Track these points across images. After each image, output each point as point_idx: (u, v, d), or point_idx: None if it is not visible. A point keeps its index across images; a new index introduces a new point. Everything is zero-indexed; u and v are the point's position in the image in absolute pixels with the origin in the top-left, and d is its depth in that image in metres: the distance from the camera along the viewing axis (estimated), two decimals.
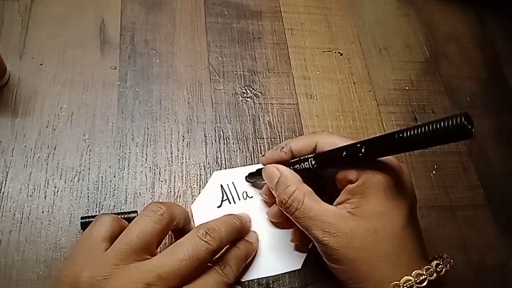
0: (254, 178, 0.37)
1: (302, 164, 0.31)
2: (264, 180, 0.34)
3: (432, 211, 0.40)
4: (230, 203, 0.37)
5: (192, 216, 0.36)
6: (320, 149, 0.32)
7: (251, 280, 0.34)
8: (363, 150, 0.27)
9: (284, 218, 0.33)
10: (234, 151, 0.39)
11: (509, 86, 0.49)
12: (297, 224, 0.30)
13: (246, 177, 0.37)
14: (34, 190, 0.35)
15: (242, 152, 0.39)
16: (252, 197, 0.37)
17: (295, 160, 0.33)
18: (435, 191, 0.41)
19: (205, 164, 0.38)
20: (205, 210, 0.36)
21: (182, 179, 0.37)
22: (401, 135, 0.24)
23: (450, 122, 0.21)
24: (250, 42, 0.46)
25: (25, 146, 0.36)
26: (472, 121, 0.21)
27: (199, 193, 0.37)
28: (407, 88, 0.47)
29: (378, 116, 0.44)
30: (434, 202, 0.40)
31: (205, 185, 0.37)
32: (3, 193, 0.34)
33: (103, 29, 0.43)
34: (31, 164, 0.36)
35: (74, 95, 0.39)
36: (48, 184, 0.35)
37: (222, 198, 0.37)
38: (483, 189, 0.42)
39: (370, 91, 0.45)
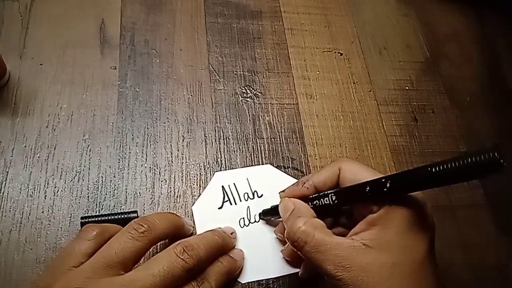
0: (268, 216, 0.36)
1: (322, 200, 0.30)
2: (277, 218, 0.33)
3: (432, 211, 0.40)
4: (231, 204, 0.37)
5: (193, 217, 0.36)
6: (343, 177, 0.30)
7: (251, 280, 0.34)
8: (388, 185, 0.25)
9: (298, 257, 0.32)
10: (234, 151, 0.39)
11: (509, 86, 0.49)
12: (308, 260, 0.28)
13: (259, 214, 0.36)
14: (34, 190, 0.35)
15: (242, 152, 0.39)
16: (253, 198, 0.37)
17: (314, 195, 0.31)
18: (435, 191, 0.41)
19: (205, 164, 0.38)
20: (206, 211, 0.36)
21: (182, 179, 0.37)
22: (429, 169, 0.23)
23: (482, 157, 0.20)
24: (250, 42, 0.46)
25: (25, 146, 0.36)
26: (502, 153, 0.20)
27: (199, 193, 0.37)
28: (407, 88, 0.47)
29: (378, 116, 0.44)
30: (434, 202, 0.40)
31: (205, 185, 0.37)
32: (3, 193, 0.34)
33: (103, 29, 0.43)
34: (31, 164, 0.36)
35: (74, 95, 0.39)
36: (48, 184, 0.35)
37: (223, 199, 0.37)
38: (483, 189, 0.42)
39: (370, 91, 0.45)
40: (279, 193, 0.33)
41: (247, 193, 0.37)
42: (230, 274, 0.32)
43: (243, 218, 0.36)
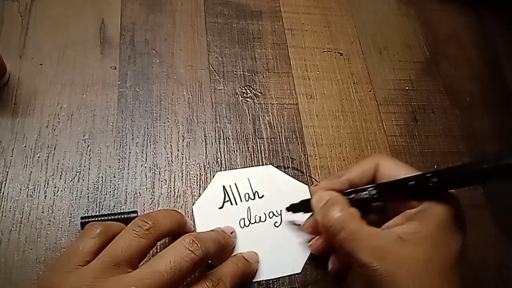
0: (297, 210, 0.35)
1: (360, 193, 0.29)
2: (306, 212, 0.32)
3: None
4: (232, 204, 0.37)
5: (193, 217, 0.36)
6: (381, 173, 0.30)
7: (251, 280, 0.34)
8: (435, 180, 0.26)
9: (327, 251, 0.32)
10: (234, 151, 0.39)
11: (509, 86, 0.49)
12: (341, 248, 0.28)
13: (287, 208, 0.35)
14: (34, 190, 0.35)
15: (242, 152, 0.39)
16: (254, 199, 0.37)
17: (351, 189, 0.30)
18: None
19: (205, 164, 0.38)
20: (206, 211, 0.36)
21: (182, 179, 0.37)
22: (481, 167, 0.23)
23: None
24: (250, 42, 0.46)
25: (25, 146, 0.36)
26: None
27: (199, 193, 0.37)
28: (407, 88, 0.47)
29: (378, 116, 0.44)
30: None
31: (205, 185, 0.37)
32: (3, 193, 0.34)
33: (103, 29, 0.43)
34: (31, 164, 0.36)
35: (74, 95, 0.39)
36: (48, 184, 0.35)
37: (224, 199, 0.37)
38: (483, 189, 0.42)
39: (370, 91, 0.45)
40: (309, 188, 0.33)
41: (248, 194, 0.37)
42: (244, 276, 0.32)
43: (244, 219, 0.36)
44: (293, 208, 0.35)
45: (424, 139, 0.44)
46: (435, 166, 0.42)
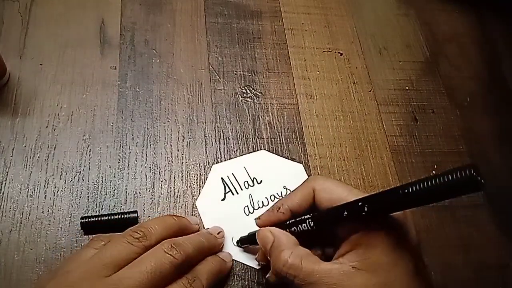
0: (246, 243, 0.34)
1: (300, 226, 0.29)
2: (257, 245, 0.32)
3: (432, 211, 0.40)
4: (233, 194, 0.37)
5: (198, 213, 0.36)
6: (319, 196, 0.30)
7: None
8: (366, 209, 0.25)
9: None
10: (234, 151, 0.39)
11: (509, 86, 0.49)
12: None
13: (237, 241, 0.35)
14: (34, 190, 0.35)
15: (242, 152, 0.39)
16: (253, 185, 0.38)
17: (291, 222, 0.30)
18: None
19: (205, 164, 0.38)
20: (210, 205, 0.36)
21: (182, 179, 0.37)
22: (406, 190, 0.22)
23: (459, 175, 0.20)
24: (250, 42, 0.46)
25: (25, 146, 0.36)
26: (480, 172, 0.20)
27: (199, 193, 0.37)
28: (407, 88, 0.47)
29: (378, 116, 0.44)
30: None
31: (205, 181, 0.37)
32: (3, 193, 0.34)
33: (103, 29, 0.43)
34: (31, 164, 0.36)
35: (74, 95, 0.39)
36: (48, 184, 0.35)
37: (225, 190, 0.37)
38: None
39: (370, 91, 0.45)
40: (254, 219, 0.33)
41: (247, 181, 0.38)
42: (220, 274, 0.32)
43: (247, 206, 0.37)
44: (242, 241, 0.35)
45: (424, 139, 0.44)
46: (435, 166, 0.42)
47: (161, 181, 0.37)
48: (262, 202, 0.37)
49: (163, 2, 0.46)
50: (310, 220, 0.29)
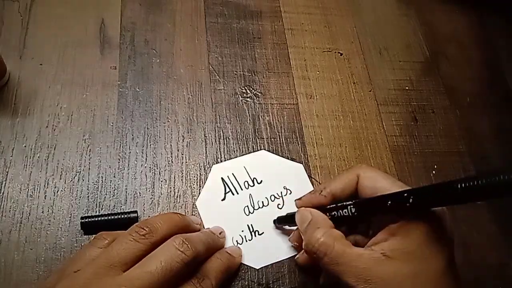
0: (283, 223, 0.35)
1: (341, 211, 0.29)
2: (292, 225, 0.32)
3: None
4: (233, 194, 0.37)
5: (198, 213, 0.36)
6: (362, 184, 0.30)
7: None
8: (410, 201, 0.25)
9: (313, 264, 0.31)
10: (234, 151, 0.39)
11: (509, 86, 0.49)
12: (327, 272, 0.28)
13: (274, 221, 0.36)
14: (34, 190, 0.35)
15: (242, 152, 0.39)
16: (253, 185, 0.38)
17: (332, 206, 0.30)
18: None
19: (205, 164, 0.38)
20: (210, 205, 0.37)
21: (182, 179, 0.37)
22: (455, 185, 0.22)
23: None
24: (250, 42, 0.46)
25: (25, 146, 0.36)
26: None
27: (199, 193, 0.37)
28: (407, 88, 0.47)
29: (378, 116, 0.44)
30: None
31: (205, 181, 0.37)
32: (3, 193, 0.34)
33: (103, 29, 0.43)
34: (31, 164, 0.36)
35: (74, 95, 0.39)
36: (48, 184, 0.35)
37: (225, 190, 0.37)
38: None
39: (370, 91, 0.45)
40: (295, 201, 0.33)
41: (247, 181, 0.38)
42: (229, 271, 0.32)
43: (247, 206, 0.37)
44: (279, 221, 0.35)
45: (424, 139, 0.44)
46: (435, 166, 0.42)
47: (161, 181, 0.37)
48: (262, 202, 0.37)
49: (163, 2, 0.46)
50: (352, 206, 0.29)
